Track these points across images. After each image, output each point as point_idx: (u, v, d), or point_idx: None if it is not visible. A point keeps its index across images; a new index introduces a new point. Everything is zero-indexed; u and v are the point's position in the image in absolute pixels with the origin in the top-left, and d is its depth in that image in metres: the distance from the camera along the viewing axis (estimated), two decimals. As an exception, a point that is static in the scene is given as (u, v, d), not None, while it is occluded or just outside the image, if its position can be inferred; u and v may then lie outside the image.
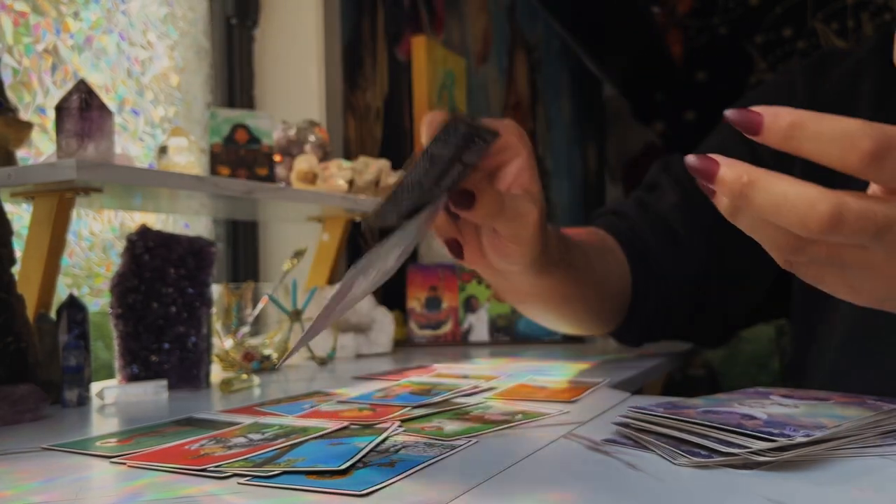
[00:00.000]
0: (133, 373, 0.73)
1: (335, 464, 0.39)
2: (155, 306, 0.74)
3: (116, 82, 1.09)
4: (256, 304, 0.96)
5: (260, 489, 0.36)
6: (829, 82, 0.68)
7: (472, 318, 1.21)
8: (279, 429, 0.49)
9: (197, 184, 0.81)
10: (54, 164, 0.67)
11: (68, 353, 0.64)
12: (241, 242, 1.31)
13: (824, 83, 0.68)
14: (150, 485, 0.38)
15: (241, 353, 0.87)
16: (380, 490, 0.35)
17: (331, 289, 1.06)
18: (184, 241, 0.75)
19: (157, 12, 1.18)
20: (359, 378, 0.79)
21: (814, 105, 0.68)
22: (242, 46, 1.33)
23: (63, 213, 0.72)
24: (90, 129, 0.69)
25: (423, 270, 1.24)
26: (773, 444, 0.35)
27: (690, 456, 0.37)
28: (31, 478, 0.41)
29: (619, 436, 0.44)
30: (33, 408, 0.58)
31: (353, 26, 1.43)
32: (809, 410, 0.41)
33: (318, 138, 1.14)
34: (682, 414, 0.40)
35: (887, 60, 0.65)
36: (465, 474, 0.38)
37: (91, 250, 1.02)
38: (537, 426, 0.49)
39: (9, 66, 0.91)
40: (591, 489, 0.35)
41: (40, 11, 0.96)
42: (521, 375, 0.74)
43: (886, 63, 0.65)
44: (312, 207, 1.06)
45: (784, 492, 0.33)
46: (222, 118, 0.99)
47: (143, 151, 1.12)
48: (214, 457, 0.42)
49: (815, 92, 0.68)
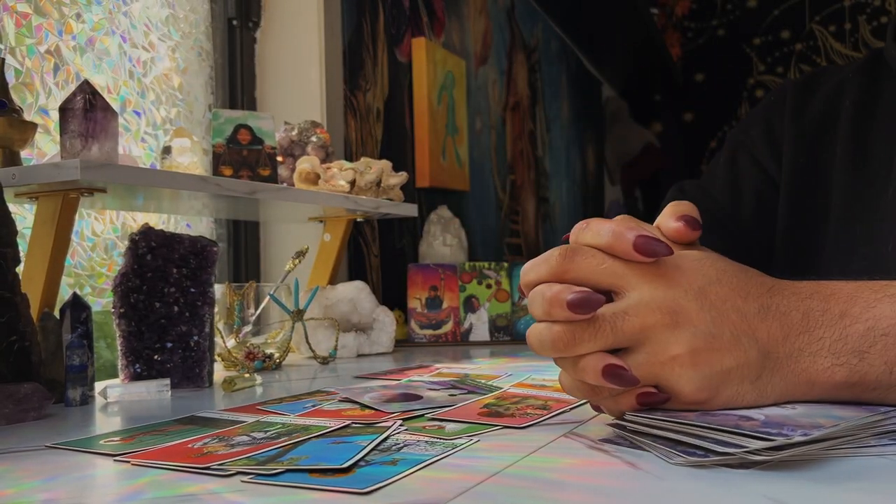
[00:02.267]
0: (136, 372, 0.74)
1: (337, 462, 0.39)
2: (157, 306, 0.74)
3: (118, 83, 1.09)
4: (258, 304, 0.96)
5: (262, 487, 0.37)
6: (816, 100, 0.70)
7: (472, 317, 1.22)
8: (281, 427, 0.49)
9: (200, 184, 0.81)
10: (59, 164, 0.67)
11: (72, 352, 0.65)
12: (243, 242, 1.32)
13: (811, 101, 0.70)
14: (153, 483, 0.38)
15: (243, 352, 0.88)
16: (382, 488, 0.36)
17: (332, 289, 1.07)
18: (186, 240, 0.76)
19: (159, 14, 1.18)
20: (360, 377, 0.79)
21: (800, 120, 0.70)
22: (244, 48, 1.34)
23: (67, 213, 0.73)
24: (94, 130, 0.70)
25: (423, 270, 1.24)
26: (771, 444, 0.35)
27: (686, 455, 0.38)
28: (35, 476, 0.41)
29: (616, 437, 0.44)
30: (37, 406, 0.58)
31: (354, 28, 1.44)
32: (807, 411, 0.42)
33: (320, 139, 1.14)
34: (679, 416, 0.41)
35: (869, 79, 0.67)
36: (466, 473, 0.38)
37: (93, 250, 1.03)
38: (537, 426, 0.49)
39: (11, 67, 0.92)
40: (591, 488, 0.35)
41: (43, 13, 0.97)
42: (521, 375, 0.74)
43: (868, 81, 0.67)
44: (314, 208, 1.06)
45: (783, 490, 0.33)
46: (225, 119, 1.00)
47: (144, 152, 1.12)
48: (217, 455, 0.42)
49: (803, 109, 0.70)
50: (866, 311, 0.42)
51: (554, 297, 0.41)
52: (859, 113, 0.66)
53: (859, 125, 0.65)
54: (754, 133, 0.73)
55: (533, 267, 0.44)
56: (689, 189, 0.76)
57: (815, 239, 0.67)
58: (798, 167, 0.68)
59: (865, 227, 0.62)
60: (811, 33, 3.26)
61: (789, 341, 0.42)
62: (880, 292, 0.42)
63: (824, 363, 0.41)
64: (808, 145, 0.68)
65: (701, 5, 3.51)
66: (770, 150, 0.71)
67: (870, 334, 0.41)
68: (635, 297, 0.41)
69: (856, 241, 0.63)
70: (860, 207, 0.63)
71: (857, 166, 0.64)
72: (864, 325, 0.41)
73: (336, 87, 1.36)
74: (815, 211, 0.66)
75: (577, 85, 3.02)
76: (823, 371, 0.41)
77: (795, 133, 0.69)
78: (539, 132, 2.50)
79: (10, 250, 0.61)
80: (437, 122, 1.68)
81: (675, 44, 3.54)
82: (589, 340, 0.41)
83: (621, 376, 0.41)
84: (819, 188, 0.66)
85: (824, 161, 0.67)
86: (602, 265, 0.42)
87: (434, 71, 1.68)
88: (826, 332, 0.42)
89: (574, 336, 0.41)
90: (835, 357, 0.41)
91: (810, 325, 0.42)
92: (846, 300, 0.42)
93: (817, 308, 0.42)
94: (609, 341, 0.41)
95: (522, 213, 2.30)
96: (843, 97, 0.68)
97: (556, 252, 0.43)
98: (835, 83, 0.70)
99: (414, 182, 1.64)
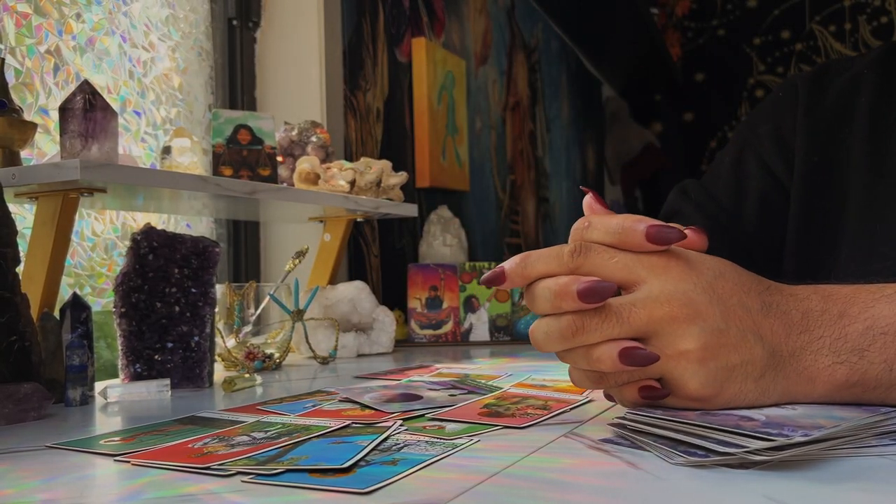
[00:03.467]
0: (136, 372, 0.74)
1: (338, 462, 0.39)
2: (158, 305, 0.74)
3: (118, 83, 1.09)
4: (258, 304, 0.96)
5: (263, 487, 0.37)
6: (829, 96, 0.68)
7: (472, 317, 1.22)
8: (282, 427, 0.49)
9: (200, 184, 0.81)
10: (59, 164, 0.67)
11: (72, 352, 0.65)
12: (244, 242, 1.32)
13: (824, 97, 0.69)
14: (154, 483, 0.38)
15: (243, 352, 0.88)
16: (382, 488, 0.36)
17: (332, 289, 1.07)
18: (187, 240, 0.76)
19: (159, 14, 1.18)
20: (360, 377, 0.79)
21: (813, 117, 0.68)
22: (244, 48, 1.34)
23: (67, 213, 0.73)
24: (94, 130, 0.70)
25: (423, 270, 1.24)
26: (771, 444, 0.35)
27: (687, 455, 0.38)
28: (35, 476, 0.41)
29: (616, 437, 0.44)
30: (37, 406, 0.58)
31: (354, 28, 1.44)
32: (807, 412, 0.42)
33: (320, 139, 1.14)
34: (680, 416, 0.41)
35: (886, 74, 0.66)
36: (466, 473, 0.38)
37: (93, 250, 1.03)
38: (537, 426, 0.49)
39: (11, 67, 0.92)
40: (591, 488, 0.35)
41: (43, 13, 0.97)
42: (522, 375, 0.74)
43: (884, 78, 0.65)
44: (314, 208, 1.06)
45: (783, 490, 0.33)
46: (225, 119, 1.00)
47: (144, 152, 1.12)
48: (217, 455, 0.42)
49: (815, 106, 0.69)
50: (864, 311, 0.42)
51: (562, 288, 0.41)
52: (876, 110, 0.64)
53: (876, 122, 0.64)
54: (762, 132, 0.71)
55: (541, 259, 0.44)
56: (692, 190, 0.74)
57: (830, 239, 0.65)
58: (811, 166, 0.67)
59: (885, 226, 0.61)
60: (811, 33, 3.26)
61: (791, 339, 0.42)
62: (878, 293, 0.43)
63: (826, 361, 0.42)
64: (822, 143, 0.67)
65: (701, 5, 3.51)
66: (778, 149, 0.69)
67: (868, 333, 0.41)
68: (646, 290, 0.41)
69: (875, 241, 0.62)
70: (879, 207, 0.62)
71: (876, 165, 0.63)
72: (863, 325, 0.42)
73: (336, 87, 1.36)
74: (830, 210, 0.65)
75: (577, 85, 3.02)
76: (825, 369, 0.42)
77: (808, 131, 0.68)
78: (539, 132, 2.50)
79: (10, 250, 0.61)
80: (437, 122, 1.68)
81: (675, 44, 3.54)
82: (596, 329, 0.41)
83: (639, 356, 0.40)
84: (834, 187, 0.65)
85: (839, 160, 0.65)
86: (613, 259, 0.42)
87: (434, 71, 1.68)
88: (826, 332, 0.42)
89: (583, 324, 0.41)
90: (835, 355, 0.42)
91: (810, 324, 0.42)
92: (844, 301, 0.43)
93: (816, 308, 0.43)
94: (616, 331, 0.41)
95: (522, 213, 2.30)
96: (859, 93, 0.66)
97: (566, 248, 0.43)
98: (848, 78, 0.68)
99: (414, 182, 1.64)
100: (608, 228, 0.43)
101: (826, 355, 0.42)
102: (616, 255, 0.42)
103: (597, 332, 0.41)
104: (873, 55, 0.68)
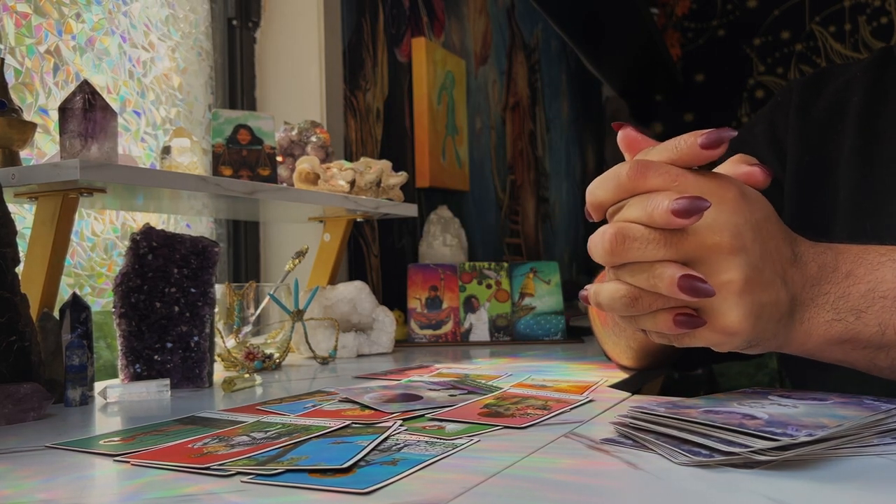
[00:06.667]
0: (136, 372, 0.74)
1: (338, 462, 0.39)
2: (158, 306, 0.74)
3: (118, 83, 1.09)
4: (258, 304, 0.96)
5: (263, 487, 0.37)
6: (823, 98, 0.70)
7: (472, 317, 1.22)
8: (281, 427, 0.49)
9: (200, 184, 0.81)
10: (58, 164, 0.67)
11: (71, 353, 0.65)
12: (243, 242, 1.32)
13: (818, 99, 0.70)
14: (153, 483, 0.38)
15: (243, 352, 0.88)
16: (382, 488, 0.36)
17: (332, 289, 1.07)
18: (187, 240, 0.76)
19: (159, 14, 1.18)
20: (360, 377, 0.79)
21: (806, 118, 0.69)
22: (244, 48, 1.34)
23: (67, 213, 0.73)
24: (94, 130, 0.70)
25: (423, 270, 1.24)
26: (776, 444, 0.35)
27: (691, 455, 0.37)
28: (35, 476, 0.41)
29: (618, 435, 0.44)
30: (37, 406, 0.58)
31: (354, 28, 1.44)
32: (809, 410, 0.42)
33: (320, 139, 1.14)
34: (683, 414, 0.41)
35: (877, 75, 0.67)
36: (466, 473, 0.38)
37: (93, 250, 1.03)
38: (537, 426, 0.49)
39: (11, 67, 0.91)
40: (591, 488, 0.35)
41: (42, 13, 0.97)
42: (521, 375, 0.74)
43: (876, 77, 0.66)
44: (314, 208, 1.06)
45: (784, 491, 0.33)
46: (225, 119, 1.00)
47: (144, 152, 1.12)
48: (217, 455, 0.42)
49: (808, 107, 0.70)
50: (869, 273, 0.44)
51: (656, 208, 0.40)
52: (867, 109, 0.66)
53: (867, 121, 0.65)
54: (758, 131, 0.73)
55: (601, 184, 0.43)
56: None
57: (823, 236, 0.66)
58: (804, 164, 0.68)
59: (875, 222, 0.62)
60: (811, 34, 3.26)
61: (805, 290, 0.44)
62: (885, 256, 0.44)
63: (826, 316, 0.44)
64: (814, 142, 0.68)
65: (701, 5, 3.51)
66: (773, 148, 0.71)
67: (869, 295, 0.43)
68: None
69: (867, 237, 0.62)
70: (869, 203, 0.62)
71: (866, 162, 0.64)
72: (866, 287, 0.43)
73: (336, 87, 1.36)
74: (823, 208, 0.66)
75: (577, 85, 3.02)
76: (823, 324, 0.44)
77: (800, 130, 0.69)
78: (539, 132, 2.50)
79: (9, 250, 0.61)
80: (436, 122, 1.68)
81: (675, 44, 3.54)
82: (646, 247, 0.40)
83: (699, 288, 0.39)
84: (826, 185, 0.66)
85: (831, 158, 0.66)
86: (675, 182, 0.41)
87: (434, 71, 1.68)
88: (832, 288, 0.44)
89: (634, 235, 0.40)
90: (835, 312, 0.43)
91: (822, 278, 0.44)
92: (853, 260, 0.45)
93: (830, 263, 0.44)
94: (662, 252, 0.40)
95: (522, 213, 2.30)
96: (851, 94, 0.67)
97: (624, 168, 0.42)
98: (842, 81, 0.69)
99: (414, 182, 1.64)
100: (666, 146, 0.42)
101: (827, 311, 0.43)
102: (678, 178, 0.41)
103: (646, 249, 0.40)
104: (867, 60, 0.70)
